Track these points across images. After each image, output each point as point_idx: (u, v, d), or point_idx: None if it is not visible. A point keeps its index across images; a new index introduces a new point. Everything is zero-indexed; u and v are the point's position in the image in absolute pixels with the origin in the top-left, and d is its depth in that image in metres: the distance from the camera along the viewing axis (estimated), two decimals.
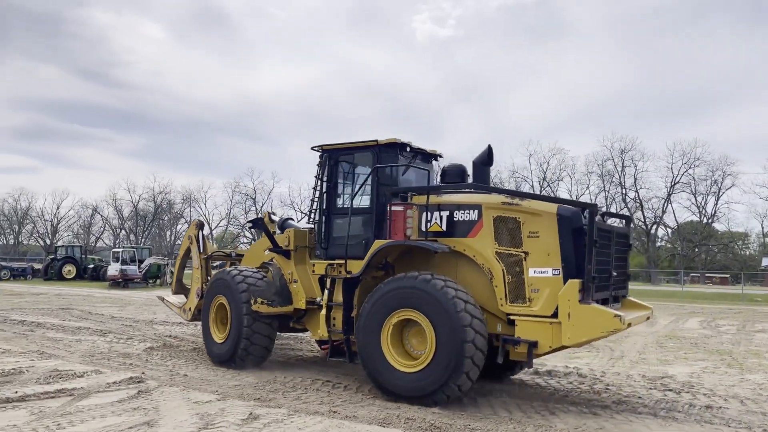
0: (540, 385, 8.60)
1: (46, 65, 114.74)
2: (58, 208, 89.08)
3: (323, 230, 9.04)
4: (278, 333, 10.03)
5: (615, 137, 73.69)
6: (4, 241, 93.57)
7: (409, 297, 7.42)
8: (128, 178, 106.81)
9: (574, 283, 6.80)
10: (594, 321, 6.71)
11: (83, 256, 45.82)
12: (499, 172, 76.87)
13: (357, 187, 8.97)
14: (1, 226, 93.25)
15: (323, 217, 9.07)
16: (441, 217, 7.91)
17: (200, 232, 11.91)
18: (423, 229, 7.99)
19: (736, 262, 65.65)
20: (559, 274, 6.99)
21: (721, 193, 64.95)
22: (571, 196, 73.15)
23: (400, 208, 8.06)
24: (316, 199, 9.30)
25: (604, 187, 70.62)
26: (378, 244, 8.00)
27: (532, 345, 7.02)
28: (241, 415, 6.58)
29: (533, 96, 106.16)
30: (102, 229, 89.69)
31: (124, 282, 34.30)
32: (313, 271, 9.13)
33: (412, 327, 7.61)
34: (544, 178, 73.61)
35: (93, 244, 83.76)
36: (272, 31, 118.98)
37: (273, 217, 10.88)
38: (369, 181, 8.69)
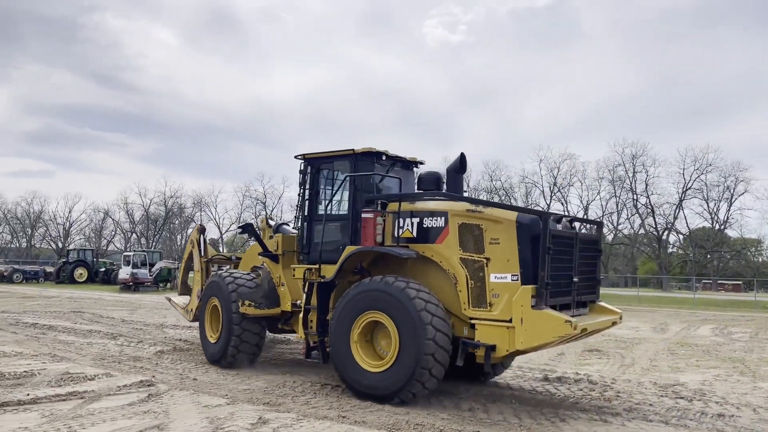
0: (550, 392, 8.56)
1: (59, 70, 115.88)
2: (70, 212, 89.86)
3: (305, 236, 9.40)
4: (281, 335, 10.12)
5: (626, 143, 73.15)
6: (17, 245, 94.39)
7: (375, 299, 7.71)
8: (140, 182, 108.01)
9: (527, 289, 7.03)
10: (546, 326, 6.89)
11: (95, 259, 46.15)
12: (509, 178, 76.82)
13: (336, 194, 9.27)
14: (14, 229, 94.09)
15: (305, 224, 9.45)
16: (412, 224, 8.18)
17: (202, 236, 12.42)
18: (396, 235, 8.29)
19: (749, 269, 65.11)
20: (517, 280, 7.19)
21: (733, 200, 64.47)
22: (581, 201, 72.94)
23: (370, 215, 8.33)
24: (298, 206, 9.70)
25: (615, 192, 70.33)
26: (349, 249, 8.32)
27: (490, 348, 7.21)
28: (250, 419, 6.59)
29: (544, 101, 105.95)
30: (113, 232, 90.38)
31: (134, 285, 34.51)
32: (294, 276, 9.38)
33: (381, 329, 7.83)
34: (555, 184, 73.36)
35: (104, 248, 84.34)
36: (283, 36, 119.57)
37: (270, 222, 11.18)
38: (347, 189, 9.05)
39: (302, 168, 9.58)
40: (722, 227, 66.16)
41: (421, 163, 9.89)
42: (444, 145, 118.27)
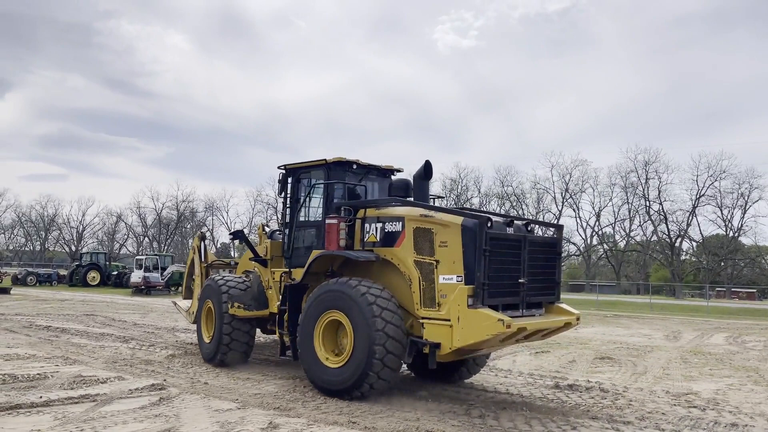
0: (561, 400, 8.50)
1: (74, 75, 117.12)
2: (83, 216, 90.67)
3: (286, 241, 9.96)
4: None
5: (639, 149, 73.03)
6: (32, 247, 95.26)
7: (333, 299, 8.24)
8: (152, 186, 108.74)
9: (464, 289, 7.42)
10: (480, 324, 7.25)
11: (107, 263, 46.49)
12: (520, 184, 76.59)
13: (312, 202, 9.89)
14: (29, 232, 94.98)
15: (286, 230, 10.03)
16: (377, 229, 8.69)
17: (203, 243, 13.19)
18: (363, 239, 8.81)
19: (764, 277, 64.42)
20: (461, 281, 7.53)
21: (747, 207, 63.72)
22: (593, 208, 72.56)
23: (333, 221, 8.84)
24: (282, 213, 10.39)
25: (627, 199, 69.91)
26: (314, 253, 8.85)
27: (435, 346, 7.61)
28: (261, 423, 6.61)
29: (555, 107, 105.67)
30: (126, 236, 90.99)
31: (146, 289, 34.72)
32: (274, 278, 10.05)
33: (343, 328, 8.25)
34: (567, 190, 73.08)
35: (117, 252, 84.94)
36: (295, 41, 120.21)
37: (266, 228, 11.65)
38: (321, 196, 9.66)
39: (280, 178, 10.13)
40: (736, 234, 65.48)
41: (399, 171, 10.24)
42: (454, 151, 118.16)
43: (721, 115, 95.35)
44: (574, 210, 74.08)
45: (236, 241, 12.67)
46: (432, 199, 9.67)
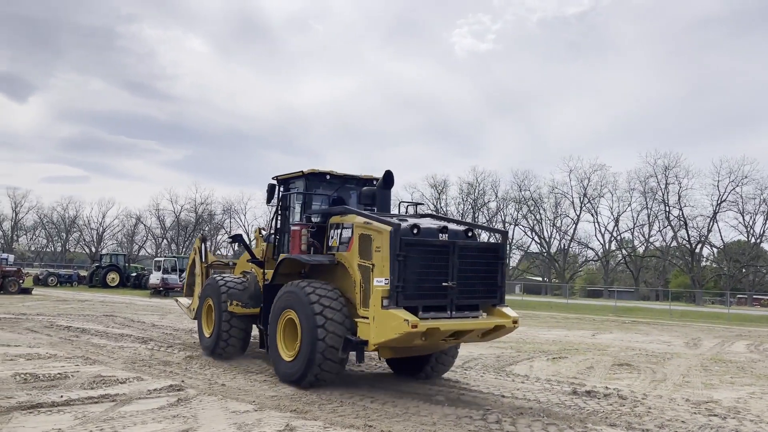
0: (579, 406, 8.42)
1: (96, 78, 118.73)
2: (103, 217, 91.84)
3: (275, 245, 10.94)
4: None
5: (658, 154, 72.21)
6: (53, 248, 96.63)
7: (289, 300, 9.06)
8: (171, 188, 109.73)
9: (379, 291, 8.08)
10: (390, 324, 7.88)
11: (126, 264, 46.97)
12: (538, 188, 76.13)
13: (297, 209, 10.77)
14: (50, 233, 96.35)
15: (275, 235, 10.95)
16: (338, 235, 9.43)
17: (203, 245, 14.04)
18: (328, 244, 9.59)
19: None
20: (387, 284, 8.09)
21: None
22: (612, 213, 71.89)
23: (297, 228, 9.83)
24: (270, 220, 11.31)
25: (646, 204, 69.16)
26: (281, 257, 9.86)
27: (363, 343, 8.31)
28: (277, 426, 6.63)
29: (574, 111, 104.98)
30: (145, 238, 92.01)
31: (165, 290, 35.01)
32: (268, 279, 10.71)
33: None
34: (585, 195, 72.48)
35: (136, 253, 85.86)
36: (312, 45, 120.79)
37: (263, 231, 12.35)
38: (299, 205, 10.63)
39: (268, 188, 11.04)
40: (758, 241, 64.45)
41: (376, 179, 10.60)
42: (471, 155, 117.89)
43: (742, 119, 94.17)
44: (592, 215, 73.47)
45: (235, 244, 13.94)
46: (411, 206, 10.52)
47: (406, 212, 10.35)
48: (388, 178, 9.96)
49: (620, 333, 21.10)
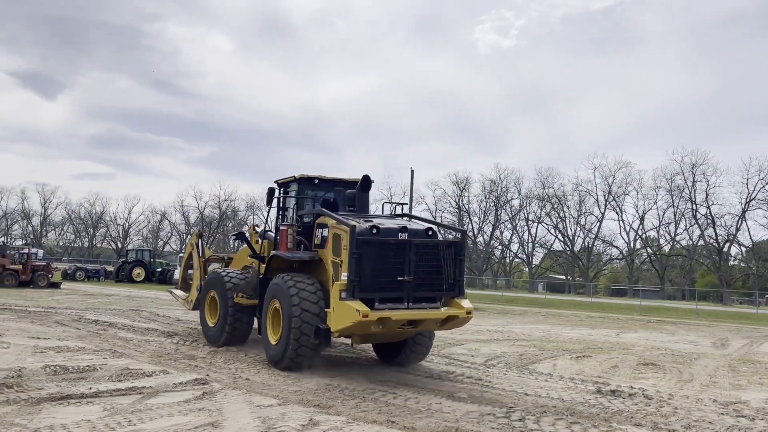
0: (603, 405, 8.34)
1: (123, 76, 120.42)
2: (129, 213, 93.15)
3: (275, 242, 11.53)
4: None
5: (685, 151, 70.91)
6: (80, 244, 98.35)
7: (274, 291, 10.14)
8: (195, 185, 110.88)
9: (338, 285, 9.03)
10: (345, 313, 8.85)
11: (152, 259, 47.59)
12: (562, 185, 75.42)
13: (290, 210, 11.76)
14: (78, 229, 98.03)
15: (274, 233, 11.76)
16: (321, 234, 10.31)
17: (200, 240, 14.95)
18: (314, 242, 10.56)
19: None
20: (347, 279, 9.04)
21: None
22: (637, 211, 70.97)
23: (284, 228, 10.84)
24: (272, 220, 12.34)
25: (672, 202, 68.14)
26: (271, 254, 10.99)
27: (328, 330, 9.20)
28: (301, 420, 6.68)
29: (598, 107, 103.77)
30: (169, 234, 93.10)
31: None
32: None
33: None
34: (610, 192, 71.63)
35: (161, 249, 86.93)
36: (335, 42, 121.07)
37: (257, 228, 13.14)
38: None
39: (268, 191, 11.81)
40: None
41: (357, 181, 11.33)
42: (494, 152, 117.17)
43: None
44: (617, 213, 72.59)
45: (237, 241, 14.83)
46: (395, 207, 11.62)
47: (392, 212, 11.56)
48: (366, 182, 11.02)
49: (645, 332, 20.85)
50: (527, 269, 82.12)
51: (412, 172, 57.56)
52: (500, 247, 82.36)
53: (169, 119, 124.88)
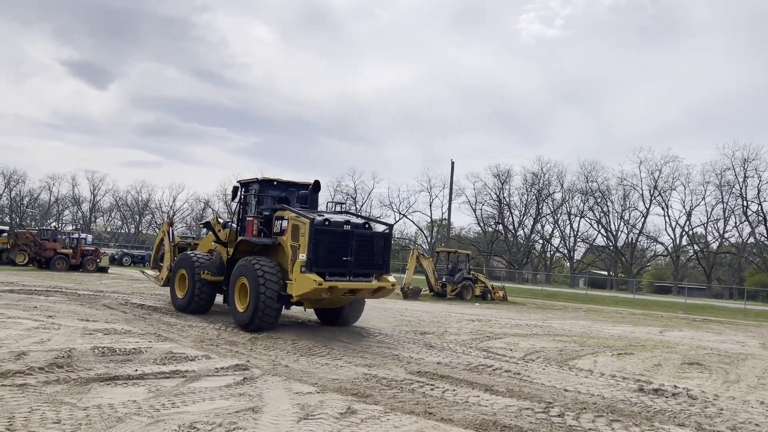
0: (645, 404, 8.19)
1: (171, 67, 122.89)
2: (174, 201, 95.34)
3: (236, 231, 14.42)
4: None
5: (737, 145, 68.89)
6: (126, 230, 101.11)
7: (241, 270, 12.75)
8: (238, 174, 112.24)
9: (299, 262, 11.95)
10: (304, 282, 11.72)
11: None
12: (606, 180, 73.94)
13: (252, 205, 14.44)
14: (125, 215, 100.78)
15: (236, 223, 14.62)
16: (279, 224, 13.09)
17: (171, 228, 18.09)
18: (274, 231, 13.20)
19: None
20: (305, 257, 11.89)
21: None
22: (684, 207, 69.10)
23: (251, 219, 13.54)
24: (235, 213, 15.24)
25: (722, 198, 66.25)
26: (240, 239, 13.59)
27: (288, 296, 12.18)
28: (339, 408, 6.75)
29: (645, 99, 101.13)
30: None
31: None
32: (229, 255, 14.27)
33: (247, 287, 12.51)
34: (655, 187, 69.98)
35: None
36: (375, 32, 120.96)
37: (220, 219, 15.94)
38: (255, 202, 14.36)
39: (233, 189, 14.88)
40: None
41: (309, 184, 14.35)
42: (536, 144, 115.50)
43: None
44: (662, 208, 71.00)
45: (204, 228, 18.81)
46: (334, 204, 14.16)
47: (333, 209, 14.10)
48: (316, 186, 14.32)
49: (690, 331, 20.34)
50: (568, 264, 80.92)
51: (453, 164, 57.24)
52: (541, 241, 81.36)
53: (214, 109, 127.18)
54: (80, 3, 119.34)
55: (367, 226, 12.79)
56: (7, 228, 42.87)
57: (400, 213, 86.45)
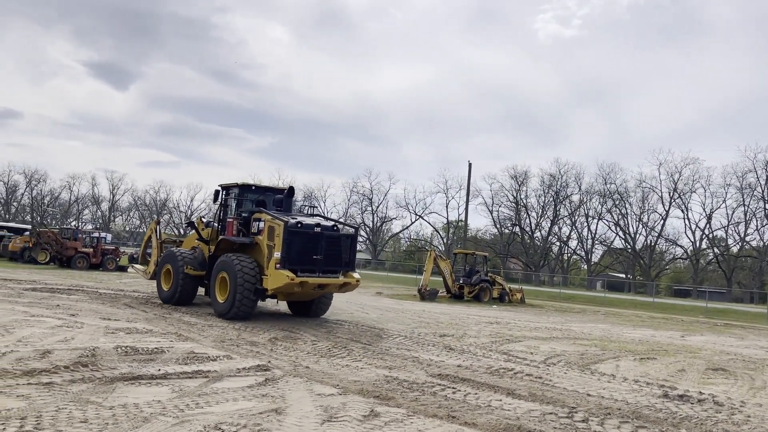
0: (670, 410, 8.07)
1: (190, 68, 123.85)
2: (191, 201, 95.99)
3: (217, 230, 16.02)
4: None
5: (759, 147, 67.70)
6: (145, 229, 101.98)
7: (222, 265, 14.35)
8: (255, 174, 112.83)
9: (274, 259, 13.55)
10: (278, 277, 13.34)
11: None
12: (624, 181, 73.25)
13: (232, 207, 15.94)
14: (143, 214, 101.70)
15: (218, 224, 16.22)
16: (258, 225, 14.62)
17: (158, 226, 19.97)
18: (251, 231, 14.78)
19: None
20: (280, 255, 13.47)
21: None
22: (704, 209, 68.26)
23: (231, 220, 15.22)
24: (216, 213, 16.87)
25: (743, 201, 65.35)
26: (221, 238, 15.30)
27: (264, 290, 13.80)
28: (362, 411, 6.73)
29: (664, 100, 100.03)
30: None
31: None
32: (211, 252, 15.95)
33: (227, 281, 14.05)
34: (675, 189, 69.21)
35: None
36: (391, 32, 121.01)
37: (203, 219, 17.19)
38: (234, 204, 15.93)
39: (215, 192, 16.36)
40: None
41: (284, 190, 16.01)
42: (553, 145, 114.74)
43: None
44: (682, 211, 70.22)
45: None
46: (305, 207, 16.64)
47: (306, 212, 16.10)
48: (291, 191, 15.88)
49: (712, 335, 20.07)
50: (585, 266, 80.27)
51: (470, 165, 57.01)
52: (558, 243, 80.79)
53: (231, 110, 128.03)
54: (100, 4, 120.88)
55: (335, 228, 14.44)
56: (29, 227, 43.42)
57: (416, 214, 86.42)
